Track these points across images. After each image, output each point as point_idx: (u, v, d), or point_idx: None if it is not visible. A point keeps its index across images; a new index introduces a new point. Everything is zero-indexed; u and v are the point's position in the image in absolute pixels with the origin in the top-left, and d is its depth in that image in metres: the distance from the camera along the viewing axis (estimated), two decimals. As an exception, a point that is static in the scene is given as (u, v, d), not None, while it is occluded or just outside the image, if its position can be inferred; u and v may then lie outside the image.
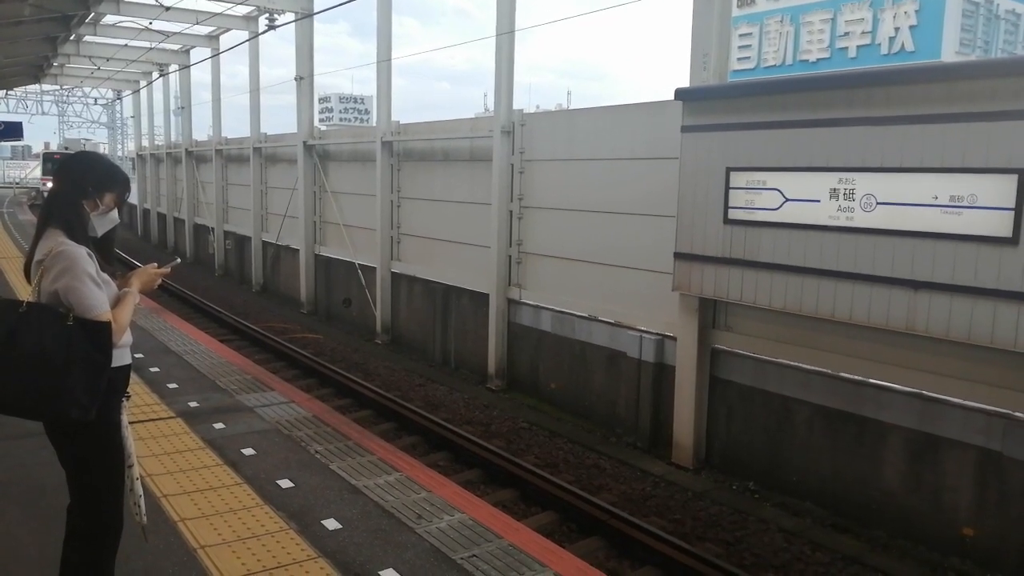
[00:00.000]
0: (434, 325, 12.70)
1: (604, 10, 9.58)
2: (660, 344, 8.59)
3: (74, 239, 2.74)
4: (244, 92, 20.58)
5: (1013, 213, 5.40)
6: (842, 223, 6.37)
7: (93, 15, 17.02)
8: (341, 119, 52.36)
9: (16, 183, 53.24)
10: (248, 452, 5.20)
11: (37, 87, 39.03)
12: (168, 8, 16.56)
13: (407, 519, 4.25)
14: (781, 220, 6.81)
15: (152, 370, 7.31)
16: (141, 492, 3.04)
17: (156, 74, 27.67)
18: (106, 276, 2.80)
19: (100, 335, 2.65)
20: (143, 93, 31.81)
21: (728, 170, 7.17)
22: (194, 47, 23.17)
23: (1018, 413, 5.84)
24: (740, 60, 18.49)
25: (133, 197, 25.83)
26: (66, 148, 39.81)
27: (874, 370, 6.66)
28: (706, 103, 7.45)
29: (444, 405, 9.99)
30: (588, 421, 9.52)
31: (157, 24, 18.28)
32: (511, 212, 10.77)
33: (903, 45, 15.95)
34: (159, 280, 3.10)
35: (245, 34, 19.45)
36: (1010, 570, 5.87)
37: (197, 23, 18.21)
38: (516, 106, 10.81)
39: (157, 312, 10.75)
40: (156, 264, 3.14)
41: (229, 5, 16.69)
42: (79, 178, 2.88)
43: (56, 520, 2.99)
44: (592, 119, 9.69)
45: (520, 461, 7.60)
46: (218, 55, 22.17)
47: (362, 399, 9.84)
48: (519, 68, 15.34)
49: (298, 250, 16.91)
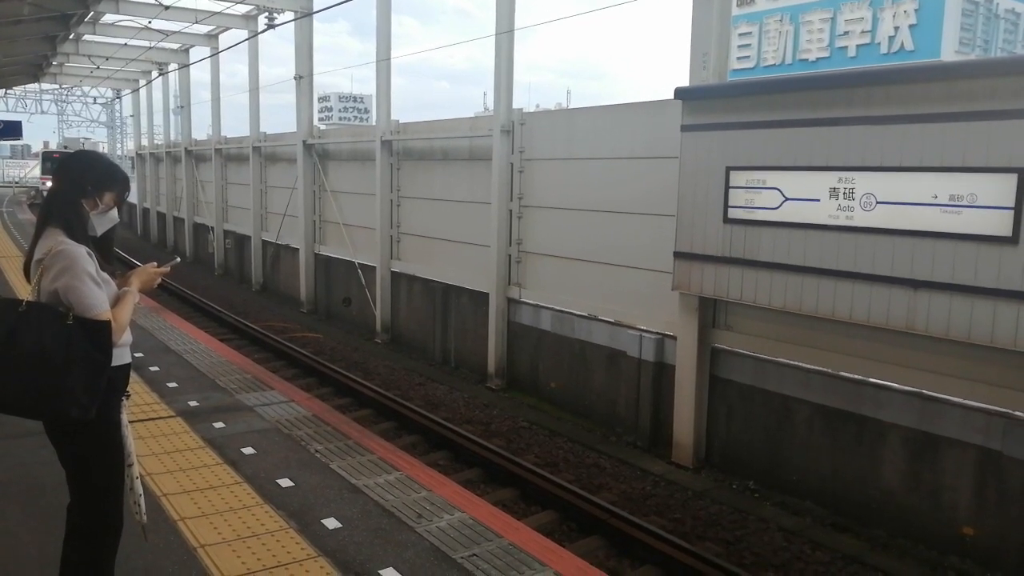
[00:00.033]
0: (434, 324, 12.70)
1: (604, 9, 9.58)
2: (660, 343, 8.59)
3: (74, 238, 2.74)
4: (243, 91, 20.65)
5: (1013, 212, 5.40)
6: (842, 222, 6.37)
7: (92, 14, 17.00)
8: (340, 118, 52.34)
9: (15, 182, 53.19)
10: (248, 451, 5.20)
11: (36, 86, 38.97)
12: (167, 7, 16.54)
13: (407, 518, 4.25)
14: (781, 219, 6.81)
15: (152, 369, 7.31)
16: (141, 491, 3.04)
17: (155, 73, 27.65)
18: (106, 275, 2.81)
19: (100, 334, 2.65)
20: (142, 92, 31.80)
21: (728, 169, 7.17)
22: (193, 46, 23.16)
23: (1018, 412, 5.84)
24: (740, 59, 18.49)
25: (132, 196, 25.81)
26: (65, 147, 39.82)
27: (874, 369, 6.66)
28: (706, 102, 7.45)
29: (444, 404, 9.99)
30: (588, 420, 9.52)
31: (156, 23, 18.30)
32: (511, 211, 10.77)
33: (903, 44, 15.97)
34: (159, 279, 3.10)
35: (244, 33, 19.46)
36: (1010, 569, 5.87)
37: (196, 22, 18.21)
38: (516, 105, 10.81)
39: (157, 311, 10.75)
40: (156, 263, 3.15)
41: (228, 4, 16.68)
42: (78, 177, 2.88)
43: (56, 519, 2.99)
44: (592, 118, 9.69)
45: (520, 460, 7.60)
46: (217, 54, 22.16)
47: (362, 398, 9.84)
48: (519, 67, 15.38)
49: (298, 249, 16.91)
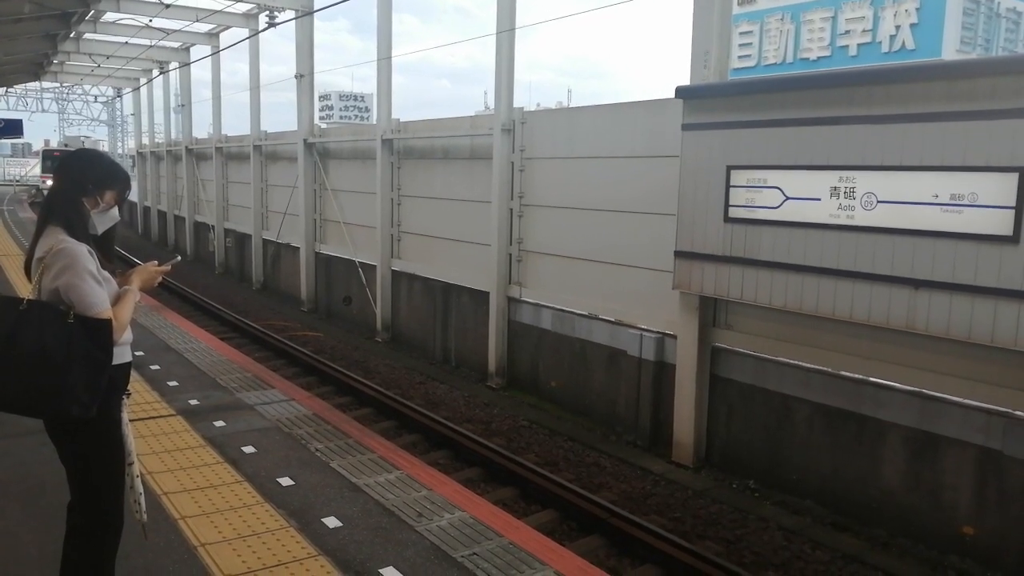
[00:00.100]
0: (434, 323, 12.70)
1: (604, 8, 9.56)
2: (660, 342, 8.59)
3: (74, 237, 2.74)
4: (244, 90, 20.60)
5: (1013, 211, 5.40)
6: (842, 221, 6.37)
7: (93, 12, 16.99)
8: (341, 117, 52.21)
9: (16, 180, 53.19)
10: (248, 450, 5.20)
11: (37, 84, 38.90)
12: (168, 5, 16.52)
13: (407, 517, 4.25)
14: (781, 218, 6.81)
15: (152, 368, 7.32)
16: (141, 490, 3.04)
17: (156, 72, 27.67)
18: (106, 274, 2.81)
19: (101, 333, 2.65)
20: (143, 91, 31.80)
21: (729, 168, 7.17)
22: (194, 45, 23.17)
23: (1018, 412, 5.83)
24: (741, 58, 18.47)
25: (133, 195, 25.84)
26: (66, 145, 39.75)
27: (874, 368, 6.66)
28: (707, 101, 7.44)
29: (444, 403, 9.99)
30: (588, 419, 9.52)
31: (157, 22, 18.28)
32: (511, 210, 10.76)
33: (904, 43, 15.95)
34: (159, 278, 3.10)
35: (245, 31, 19.46)
36: (1010, 569, 5.87)
37: (197, 20, 18.22)
38: (516, 104, 10.81)
39: (157, 310, 10.76)
40: (156, 262, 3.15)
41: (229, 3, 16.70)
42: (79, 176, 2.88)
43: (56, 518, 3.00)
44: (593, 117, 9.69)
45: (520, 459, 7.60)
46: (218, 52, 22.15)
47: (362, 397, 9.84)
48: (519, 66, 15.37)
49: (298, 248, 16.91)
